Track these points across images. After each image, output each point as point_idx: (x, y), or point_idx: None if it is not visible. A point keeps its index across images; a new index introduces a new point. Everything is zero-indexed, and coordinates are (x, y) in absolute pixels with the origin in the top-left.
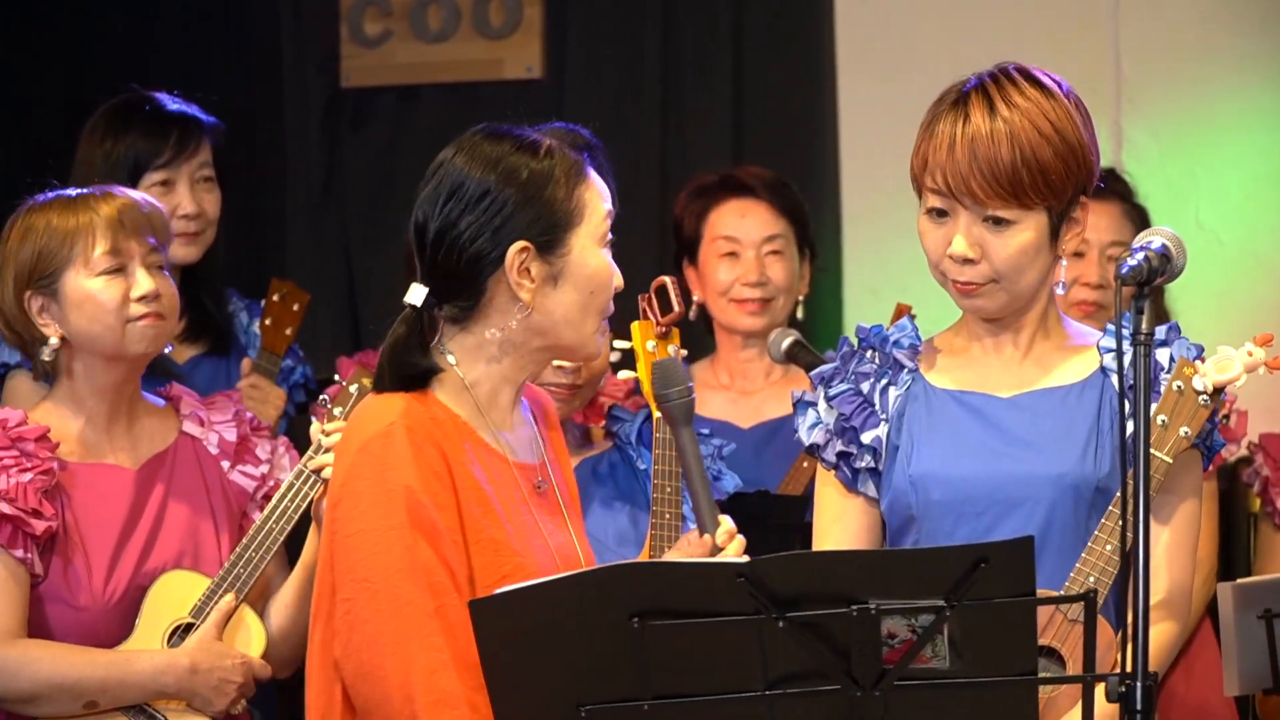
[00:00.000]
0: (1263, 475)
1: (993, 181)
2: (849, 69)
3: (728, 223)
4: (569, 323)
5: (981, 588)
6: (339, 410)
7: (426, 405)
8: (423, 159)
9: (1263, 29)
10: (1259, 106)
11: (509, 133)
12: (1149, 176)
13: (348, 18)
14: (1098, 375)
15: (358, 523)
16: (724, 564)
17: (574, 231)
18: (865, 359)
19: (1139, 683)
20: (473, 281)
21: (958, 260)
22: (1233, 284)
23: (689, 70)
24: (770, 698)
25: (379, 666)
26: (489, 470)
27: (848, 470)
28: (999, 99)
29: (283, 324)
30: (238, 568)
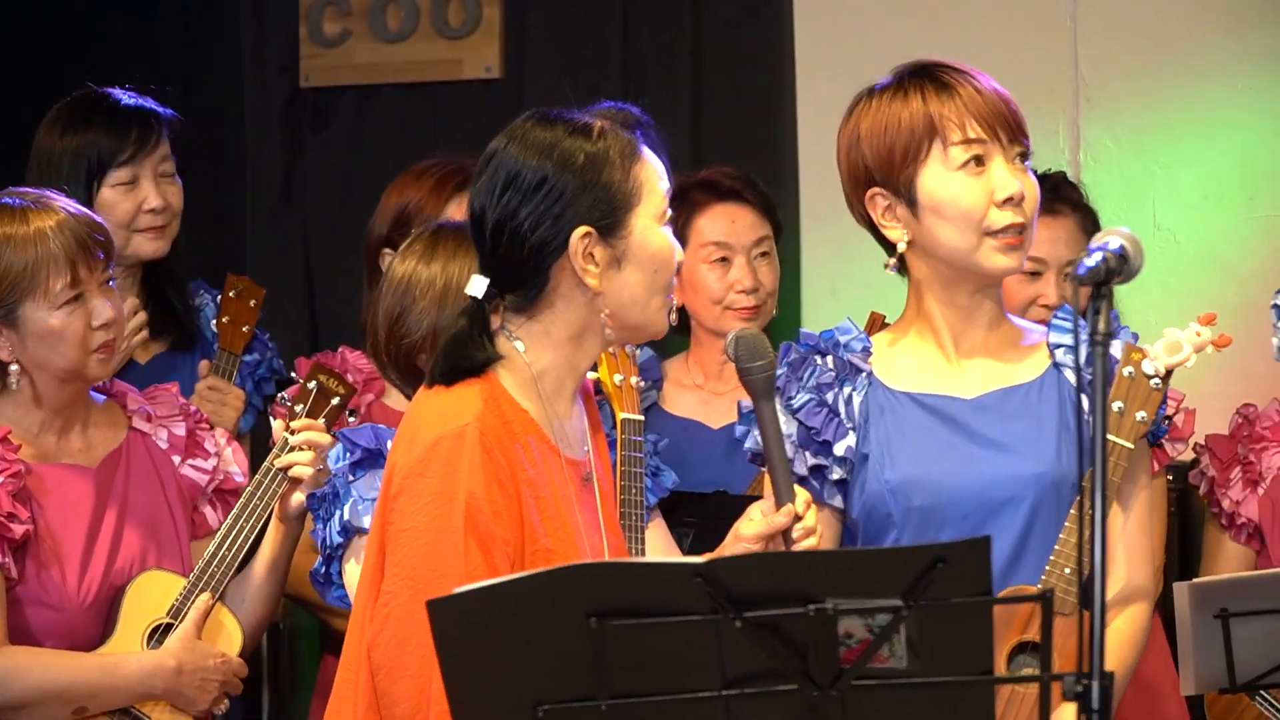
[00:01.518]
0: (1209, 476)
1: (1017, 119)
2: (808, 69)
3: (718, 228)
4: (636, 303)
5: (938, 587)
6: (300, 408)
7: (498, 402)
8: (382, 158)
9: (1222, 30)
10: (1217, 107)
11: (560, 117)
12: (1107, 177)
13: (307, 17)
14: (1052, 371)
15: (414, 519)
16: (682, 564)
17: (634, 212)
18: (820, 366)
19: (1095, 681)
20: (536, 270)
21: (1016, 200)
22: (1190, 284)
23: (648, 71)
24: (727, 697)
25: (404, 665)
26: (546, 470)
27: (816, 483)
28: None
29: (240, 321)
30: (212, 566)
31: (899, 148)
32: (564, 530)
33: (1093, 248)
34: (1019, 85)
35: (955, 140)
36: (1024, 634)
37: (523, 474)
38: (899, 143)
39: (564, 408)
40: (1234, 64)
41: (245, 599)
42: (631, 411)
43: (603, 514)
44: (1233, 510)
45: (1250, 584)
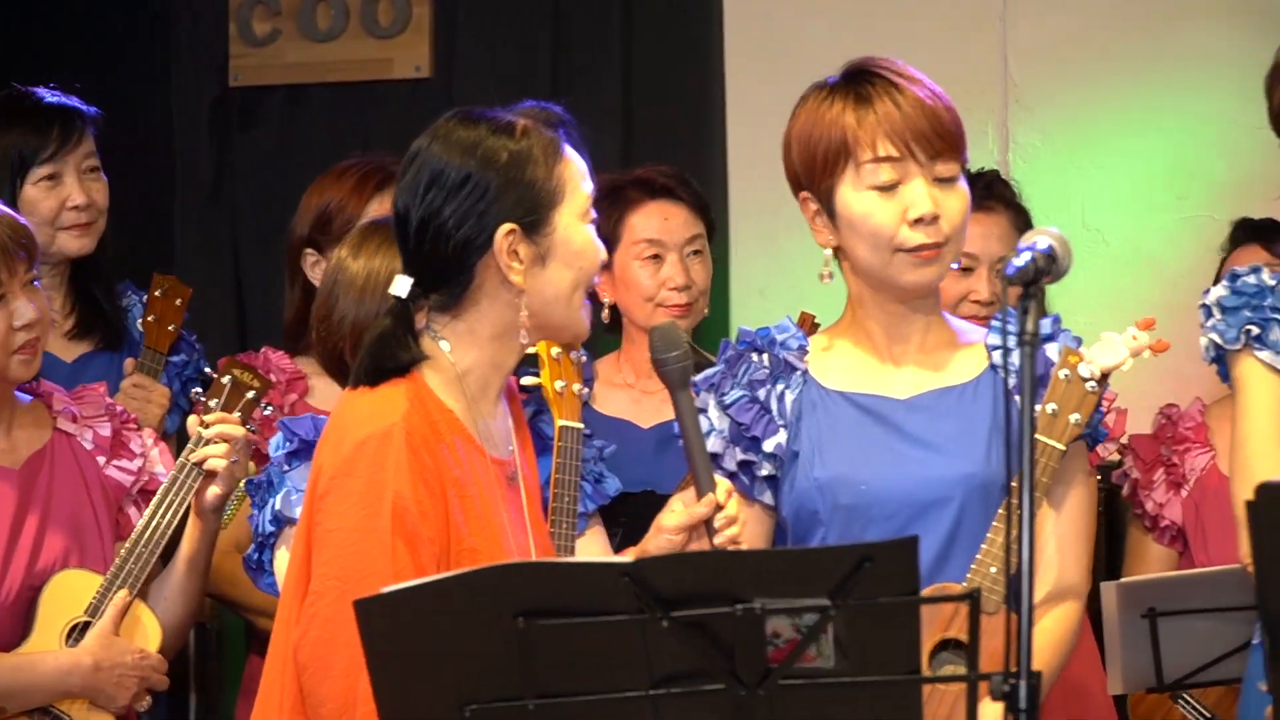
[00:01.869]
0: (1132, 478)
1: (944, 134)
2: (737, 70)
3: (651, 225)
4: (559, 300)
5: (866, 587)
6: (214, 403)
7: (423, 402)
8: (311, 158)
9: (1149, 32)
10: (1145, 108)
11: (483, 116)
12: (1036, 177)
13: (236, 16)
14: (989, 373)
15: (341, 519)
16: (609, 564)
17: (558, 209)
18: (755, 363)
19: (1023, 681)
20: (460, 268)
21: (927, 220)
22: (1119, 283)
23: (578, 71)
24: (655, 697)
25: (330, 665)
26: (472, 469)
27: (745, 479)
28: (899, 72)
29: (166, 320)
30: (129, 564)
31: (818, 159)
32: (489, 530)
33: (1021, 247)
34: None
35: (865, 159)
36: (946, 631)
37: (449, 474)
38: (818, 154)
39: (489, 407)
40: (1163, 65)
41: (166, 596)
42: (572, 419)
43: (528, 513)
44: (1156, 512)
45: (1178, 584)
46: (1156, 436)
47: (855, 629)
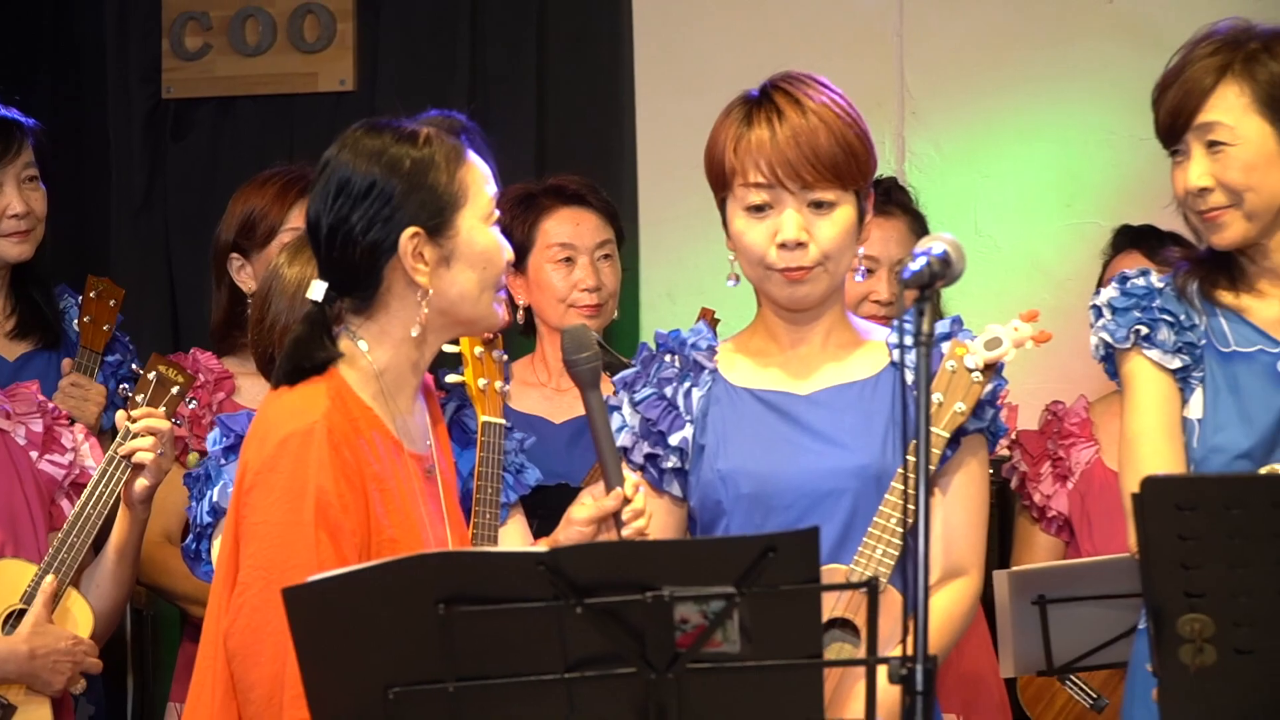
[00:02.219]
0: (1021, 471)
1: (818, 164)
2: (645, 86)
3: (564, 230)
4: (466, 299)
5: (769, 575)
6: (141, 397)
7: (343, 400)
8: (240, 166)
9: (1039, 48)
10: (1035, 120)
11: (388, 125)
12: (930, 186)
13: (169, 32)
14: (889, 370)
15: (266, 513)
16: (526, 552)
17: (460, 213)
18: (666, 363)
19: (920, 665)
20: (370, 271)
21: (790, 246)
22: (1009, 287)
23: (494, 85)
24: (569, 680)
25: (258, 652)
26: (390, 464)
27: (654, 471)
28: (800, 96)
29: (100, 320)
30: (61, 553)
31: (714, 175)
32: (409, 521)
33: (917, 253)
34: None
35: (740, 184)
36: (834, 610)
37: (368, 468)
38: (713, 170)
39: (406, 404)
40: (1053, 78)
41: (98, 583)
42: (494, 415)
43: (445, 504)
44: (1043, 504)
45: (1066, 572)
46: (1043, 432)
47: (759, 615)
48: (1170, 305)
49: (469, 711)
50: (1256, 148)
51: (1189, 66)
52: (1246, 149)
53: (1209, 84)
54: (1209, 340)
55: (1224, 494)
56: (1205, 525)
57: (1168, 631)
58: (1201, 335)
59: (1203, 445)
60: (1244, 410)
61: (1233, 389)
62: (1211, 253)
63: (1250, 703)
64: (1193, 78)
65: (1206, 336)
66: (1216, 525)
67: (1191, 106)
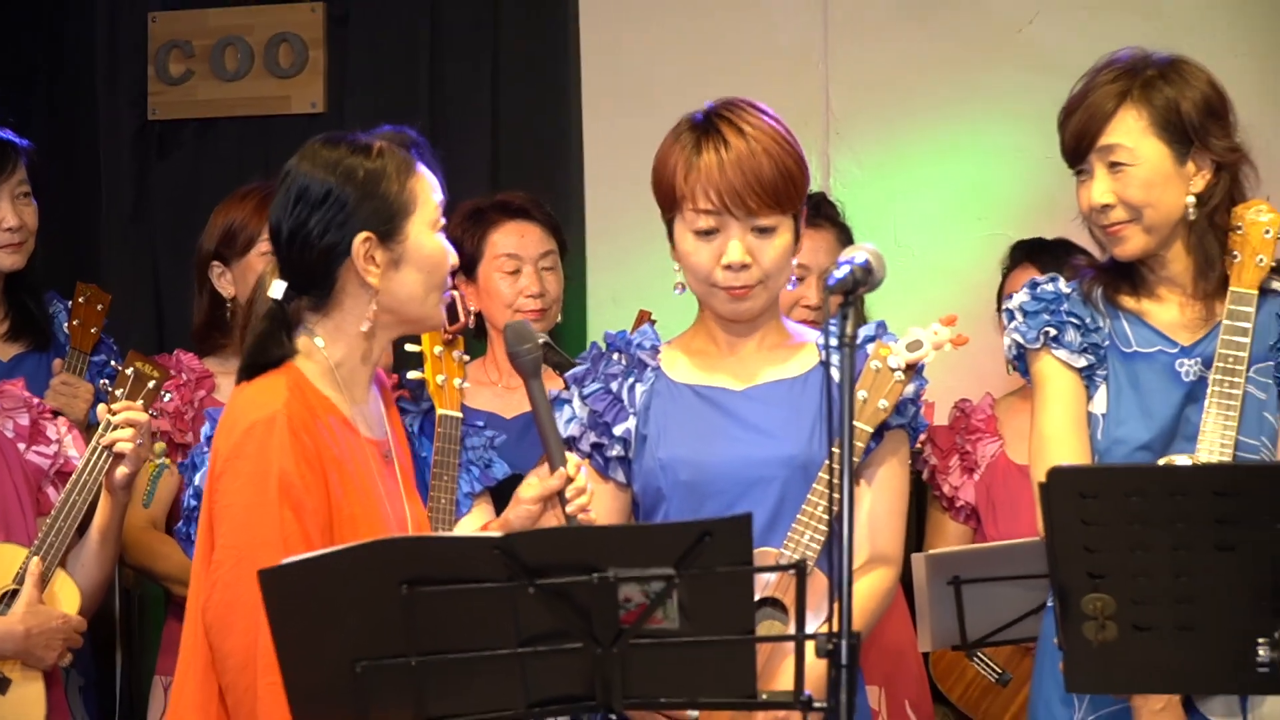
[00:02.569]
0: (931, 464)
1: (762, 194)
2: (592, 105)
3: (510, 242)
4: (413, 299)
5: (706, 558)
6: (120, 391)
7: (302, 390)
8: (220, 183)
9: (954, 73)
10: (951, 139)
11: (344, 139)
12: (853, 200)
13: (155, 59)
14: (818, 369)
15: (235, 496)
16: (482, 538)
17: (410, 220)
18: (613, 361)
19: (844, 641)
20: (325, 272)
21: (734, 268)
22: (926, 294)
23: (452, 105)
24: (522, 655)
25: (232, 624)
26: (348, 448)
27: (600, 459)
28: (742, 123)
29: (89, 323)
30: (50, 536)
31: (662, 195)
32: (368, 499)
33: (841, 261)
34: None
35: (689, 208)
36: (764, 591)
37: (327, 452)
38: (661, 191)
39: (361, 394)
40: (965, 101)
41: (83, 563)
42: (452, 409)
43: (403, 485)
44: (952, 494)
45: (979, 555)
46: (952, 427)
47: (696, 595)
48: (1077, 309)
49: (430, 684)
50: (1154, 167)
51: (1092, 92)
52: (1144, 169)
53: (1110, 109)
54: (1112, 341)
55: (1124, 483)
56: (1107, 512)
57: (1072, 609)
58: (1105, 337)
59: (1106, 438)
60: (1144, 406)
61: (1134, 386)
62: (1115, 261)
63: (1148, 675)
64: (1095, 103)
65: (1110, 338)
66: (1117, 512)
67: (1094, 129)
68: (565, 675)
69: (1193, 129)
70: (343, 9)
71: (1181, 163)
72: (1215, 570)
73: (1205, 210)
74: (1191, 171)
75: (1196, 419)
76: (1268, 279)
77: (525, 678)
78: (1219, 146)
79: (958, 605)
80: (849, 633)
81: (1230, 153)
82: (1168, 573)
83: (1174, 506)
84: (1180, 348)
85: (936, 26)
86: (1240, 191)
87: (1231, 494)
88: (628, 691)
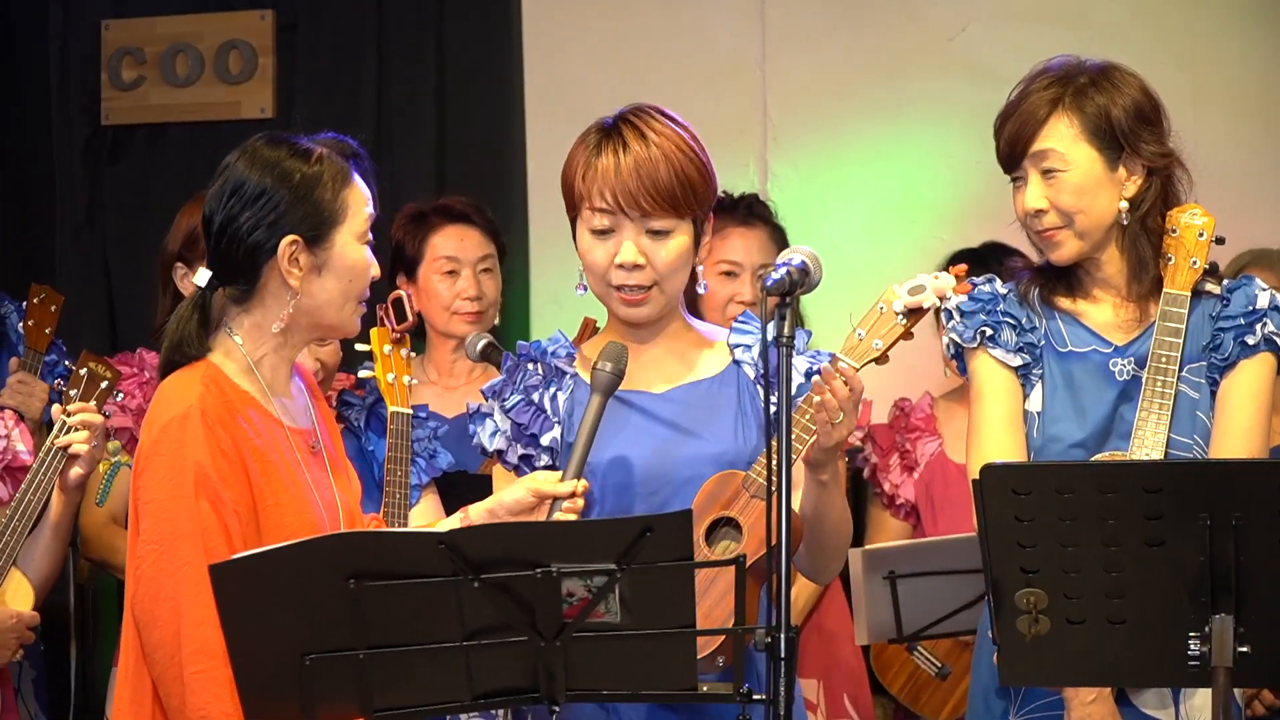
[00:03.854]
0: (872, 462)
1: (656, 196)
2: (534, 111)
3: (448, 245)
4: (331, 305)
5: (647, 553)
6: (74, 392)
7: (218, 384)
8: (171, 185)
9: (888, 81)
10: (882, 146)
11: (285, 140)
12: (790, 203)
13: (107, 65)
14: (732, 367)
15: (153, 492)
16: (427, 533)
17: (338, 229)
18: (530, 371)
19: (782, 635)
20: (250, 268)
21: (627, 267)
22: (859, 294)
23: (398, 112)
24: (467, 648)
25: (156, 616)
26: (270, 438)
27: (529, 470)
28: (646, 129)
29: (43, 324)
30: (4, 535)
31: (566, 195)
32: (295, 487)
33: (779, 263)
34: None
35: (586, 207)
36: (725, 510)
37: (247, 443)
38: (566, 190)
39: (283, 386)
40: (898, 107)
41: (35, 556)
42: (402, 406)
43: (332, 473)
44: (892, 492)
45: (914, 550)
46: (892, 426)
47: (638, 589)
48: (1013, 309)
49: (377, 676)
50: (1085, 173)
51: (1025, 99)
52: (1076, 174)
53: (1043, 115)
54: (1048, 341)
55: (1056, 480)
56: (1039, 508)
57: (1006, 603)
58: (1041, 336)
59: (1041, 435)
60: (1078, 404)
61: (1068, 385)
62: (1050, 263)
63: (1081, 668)
64: (1028, 110)
65: (1045, 338)
66: (1049, 508)
67: (1028, 136)
68: (509, 668)
69: (1123, 135)
70: (291, 17)
71: (1113, 168)
72: (1146, 565)
73: (1138, 214)
74: (1123, 177)
75: (1130, 418)
76: (1200, 281)
77: (470, 670)
78: (1150, 152)
79: (894, 599)
80: (787, 626)
81: (1161, 158)
82: (1099, 568)
83: (1104, 503)
84: (1114, 347)
85: (871, 35)
86: (1174, 195)
87: (1160, 490)
88: (571, 684)
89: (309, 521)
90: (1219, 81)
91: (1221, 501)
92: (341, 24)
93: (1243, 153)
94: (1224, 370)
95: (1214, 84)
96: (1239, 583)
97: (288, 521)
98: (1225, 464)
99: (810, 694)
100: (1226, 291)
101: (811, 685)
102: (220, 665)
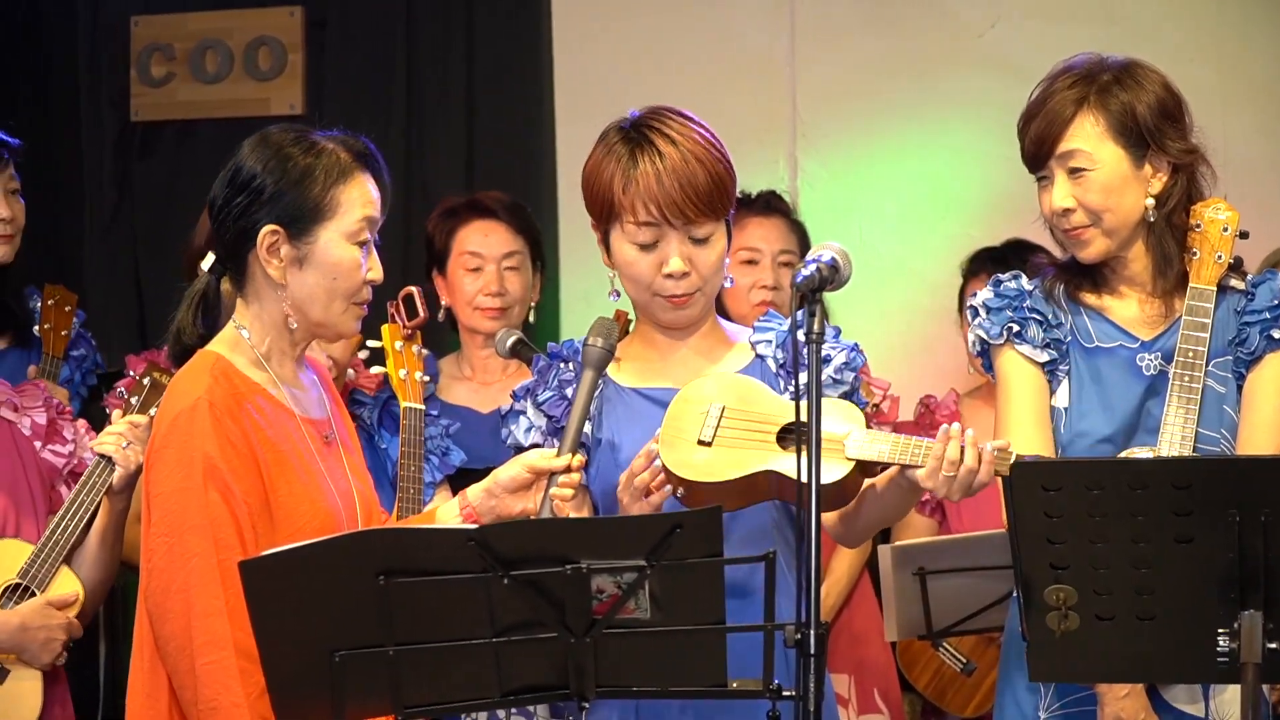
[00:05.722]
0: None
1: (698, 203)
2: (564, 107)
3: (473, 240)
4: (314, 302)
5: (677, 550)
6: (136, 400)
7: (227, 375)
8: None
9: (917, 78)
10: (913, 142)
11: (294, 130)
12: (819, 199)
13: (137, 61)
14: (756, 362)
15: (163, 485)
16: (457, 530)
17: (324, 224)
18: (562, 369)
19: (812, 631)
20: (237, 255)
21: (676, 277)
22: (887, 290)
23: (429, 109)
24: (497, 644)
25: (167, 608)
26: (282, 429)
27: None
28: (671, 132)
29: (58, 326)
30: (56, 534)
31: (596, 208)
32: (309, 477)
33: (809, 260)
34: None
35: (628, 221)
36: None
37: (258, 434)
38: (596, 204)
39: (291, 377)
40: (927, 104)
41: (85, 564)
42: (415, 401)
43: (348, 464)
44: None
45: (943, 547)
46: (917, 422)
47: (668, 585)
48: (1039, 305)
49: (407, 673)
50: (1112, 171)
51: (1050, 99)
52: (1103, 173)
53: (1068, 115)
54: (1074, 337)
55: (1085, 476)
56: (1069, 504)
57: (1035, 600)
58: (1067, 332)
59: (1069, 431)
60: (1106, 399)
61: (1095, 380)
62: (1076, 259)
63: (1110, 664)
64: (1053, 109)
65: (1072, 333)
66: (1079, 504)
67: (1053, 136)
68: (539, 664)
69: (1148, 132)
70: (321, 13)
71: (1139, 166)
72: (1175, 562)
73: (1164, 211)
74: (1149, 174)
75: (1157, 412)
76: (1226, 276)
77: (500, 667)
78: (1175, 148)
79: (923, 596)
80: (817, 623)
81: (1186, 154)
82: (1128, 564)
83: (1134, 499)
84: (1141, 343)
85: (900, 32)
86: (1198, 191)
87: (1189, 487)
88: (600, 680)
89: (323, 511)
90: (1248, 78)
91: (1250, 498)
92: (371, 21)
93: (1273, 149)
94: (1250, 364)
95: (1243, 81)
96: (1268, 579)
97: (301, 511)
98: (1254, 460)
99: (841, 688)
100: (1251, 286)
101: (843, 680)
102: (230, 655)
